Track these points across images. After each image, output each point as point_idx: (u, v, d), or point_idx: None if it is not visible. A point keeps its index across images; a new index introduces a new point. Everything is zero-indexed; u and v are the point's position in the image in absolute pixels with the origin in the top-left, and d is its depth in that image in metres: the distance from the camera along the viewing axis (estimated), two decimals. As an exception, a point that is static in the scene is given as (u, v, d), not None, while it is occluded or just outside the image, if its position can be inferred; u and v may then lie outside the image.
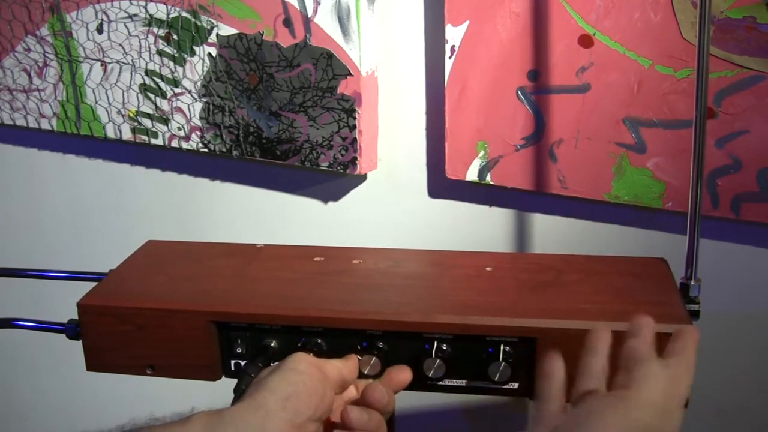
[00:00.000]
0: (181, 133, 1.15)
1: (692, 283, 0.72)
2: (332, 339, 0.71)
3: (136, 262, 0.83)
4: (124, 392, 1.39)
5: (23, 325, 0.81)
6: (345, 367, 0.68)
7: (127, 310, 0.73)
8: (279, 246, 0.86)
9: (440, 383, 0.70)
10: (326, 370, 0.66)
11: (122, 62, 1.16)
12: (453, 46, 0.93)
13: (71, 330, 0.76)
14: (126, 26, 1.14)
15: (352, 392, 0.71)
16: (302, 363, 0.65)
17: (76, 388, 1.50)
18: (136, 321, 0.73)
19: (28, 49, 1.24)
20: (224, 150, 1.12)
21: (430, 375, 0.69)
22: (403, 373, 0.70)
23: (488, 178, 0.95)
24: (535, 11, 0.87)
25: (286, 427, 0.61)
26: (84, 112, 1.23)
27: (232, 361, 0.74)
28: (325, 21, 0.97)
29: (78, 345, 0.76)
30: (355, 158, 1.01)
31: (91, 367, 0.76)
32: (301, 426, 0.62)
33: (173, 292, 0.76)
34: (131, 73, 1.16)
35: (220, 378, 0.75)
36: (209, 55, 1.08)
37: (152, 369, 0.74)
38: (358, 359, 0.70)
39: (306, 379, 0.64)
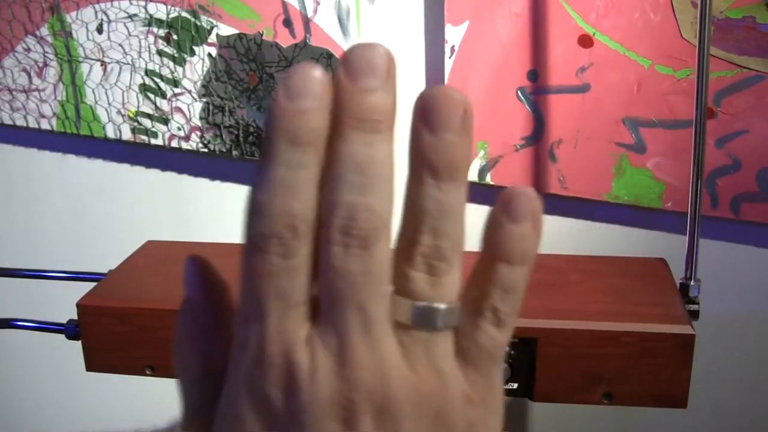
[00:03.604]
0: (181, 133, 1.15)
1: (692, 283, 0.72)
2: None
3: (135, 262, 0.83)
4: (124, 393, 1.39)
5: (22, 325, 0.81)
6: None
7: (126, 311, 0.73)
8: None
9: None
10: None
11: (122, 62, 1.16)
12: (453, 46, 0.93)
13: (70, 330, 0.75)
14: (126, 26, 1.14)
15: None
16: None
17: (75, 388, 1.50)
18: (136, 321, 0.73)
19: (28, 49, 1.24)
20: (224, 150, 1.12)
21: None
22: None
23: (488, 178, 0.95)
24: (535, 11, 0.87)
25: None
26: (84, 112, 1.23)
27: None
28: (325, 21, 0.97)
29: (77, 345, 0.76)
30: (355, 158, 1.01)
31: (90, 367, 0.76)
32: None
33: (172, 293, 0.75)
34: (131, 73, 1.16)
35: None
36: (209, 55, 1.08)
37: (151, 369, 0.74)
38: None
39: None
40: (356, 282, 0.27)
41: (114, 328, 0.73)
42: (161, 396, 1.35)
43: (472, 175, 0.96)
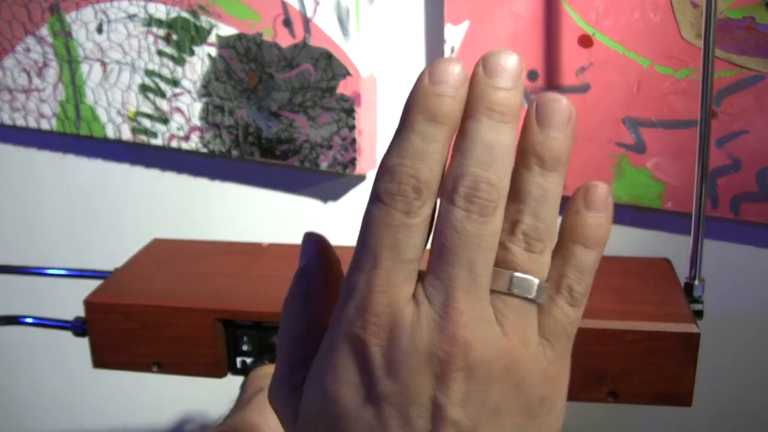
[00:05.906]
0: (181, 134, 1.15)
1: (696, 282, 0.72)
2: None
3: (142, 260, 0.83)
4: (130, 390, 1.39)
5: (29, 322, 0.82)
6: None
7: (133, 308, 0.73)
8: (284, 245, 0.86)
9: None
10: None
11: (122, 62, 1.16)
12: (453, 46, 0.93)
13: (77, 327, 0.76)
14: (125, 26, 1.14)
15: None
16: None
17: (81, 385, 1.50)
18: (143, 318, 0.73)
19: (28, 50, 1.24)
20: (224, 150, 1.12)
21: None
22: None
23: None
24: (535, 11, 0.88)
25: None
26: (83, 112, 1.23)
27: (238, 359, 0.74)
28: (325, 21, 0.98)
29: (81, 343, 0.76)
30: (355, 158, 1.02)
31: (97, 364, 0.76)
32: None
33: (180, 290, 0.76)
34: (131, 74, 1.16)
35: (225, 375, 0.75)
36: (209, 55, 1.08)
37: (158, 366, 0.75)
38: None
39: None
40: (471, 242, 0.30)
41: (121, 325, 0.73)
42: (167, 393, 1.35)
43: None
